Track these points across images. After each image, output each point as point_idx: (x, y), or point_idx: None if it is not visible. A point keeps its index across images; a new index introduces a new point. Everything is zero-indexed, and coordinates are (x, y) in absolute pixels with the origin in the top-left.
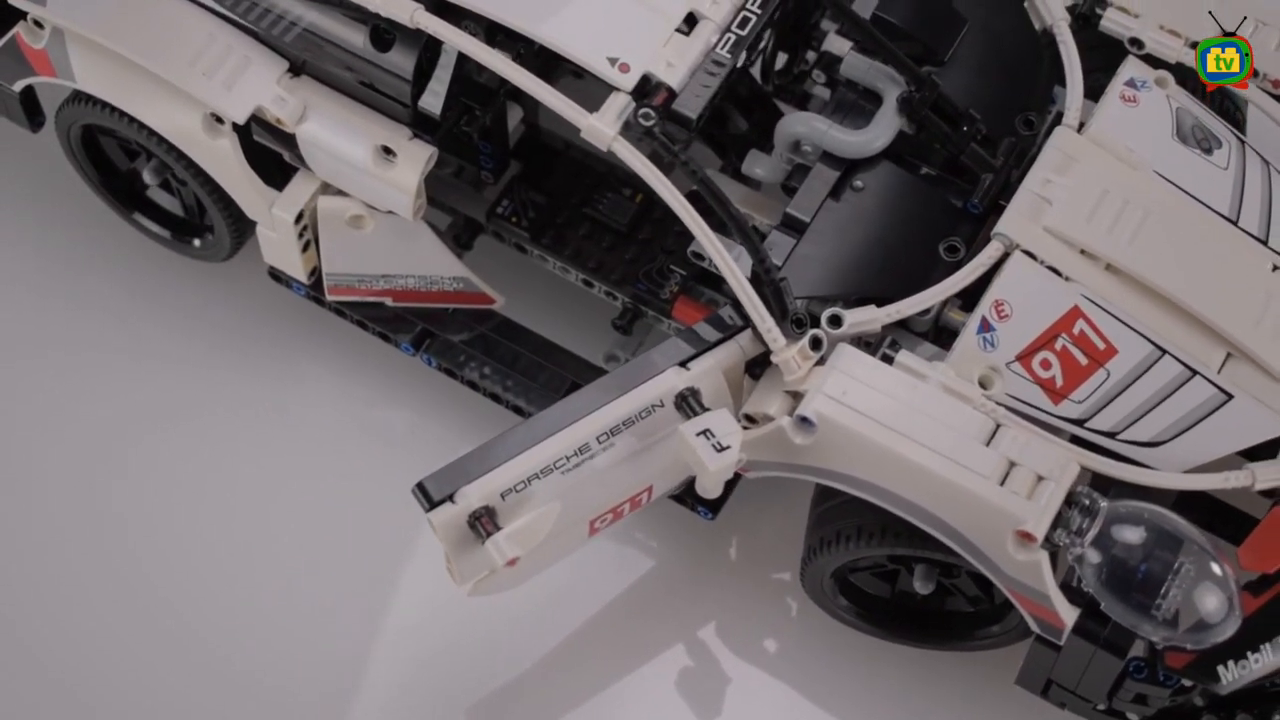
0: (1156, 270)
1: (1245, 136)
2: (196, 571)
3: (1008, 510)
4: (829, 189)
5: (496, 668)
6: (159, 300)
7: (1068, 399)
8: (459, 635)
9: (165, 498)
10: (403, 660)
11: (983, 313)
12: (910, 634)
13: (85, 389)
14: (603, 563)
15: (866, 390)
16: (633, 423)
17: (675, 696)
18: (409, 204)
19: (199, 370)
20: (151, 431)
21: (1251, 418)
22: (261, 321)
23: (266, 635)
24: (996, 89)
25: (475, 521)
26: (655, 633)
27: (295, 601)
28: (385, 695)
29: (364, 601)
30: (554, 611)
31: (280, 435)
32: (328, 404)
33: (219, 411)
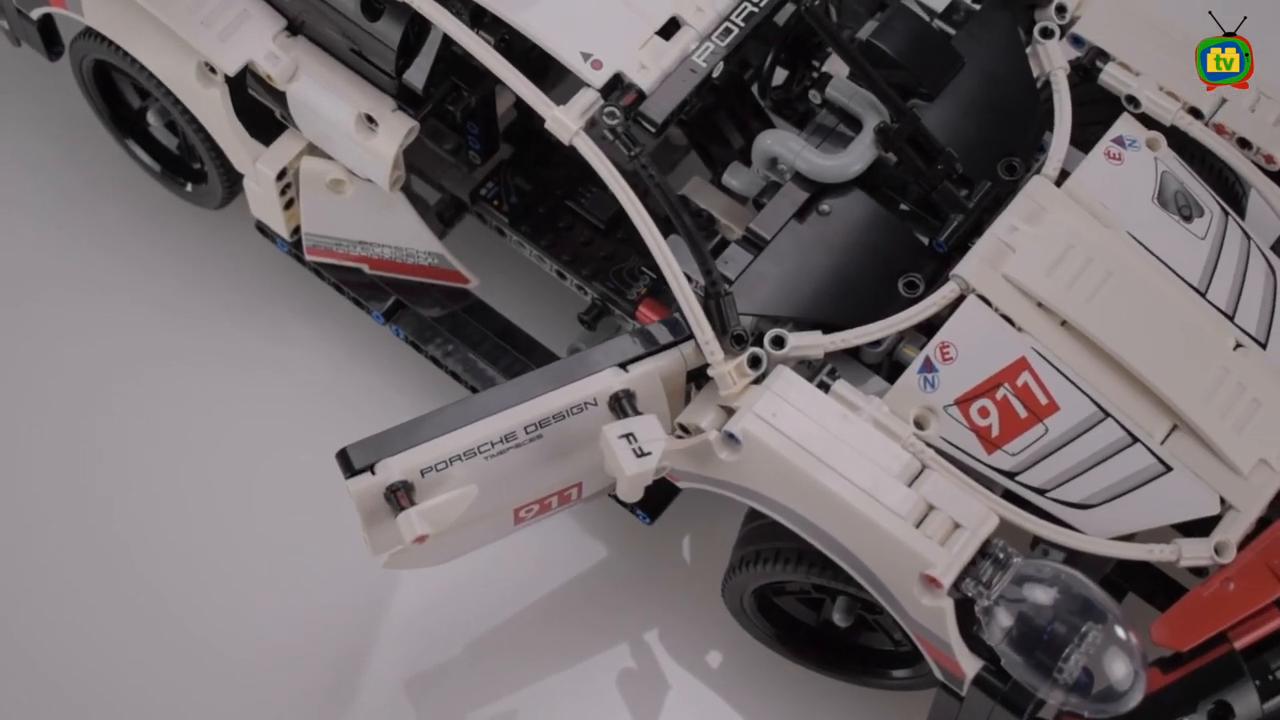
0: (1110, 332)
1: (1245, 202)
2: (138, 516)
3: (918, 553)
4: (795, 209)
5: (438, 647)
6: (157, 243)
7: (1002, 450)
8: (405, 609)
9: (127, 438)
10: (350, 628)
11: (928, 353)
12: (825, 663)
13: (77, 325)
14: (553, 556)
15: (797, 415)
16: (563, 417)
17: (607, 695)
18: (386, 174)
19: (184, 317)
20: (131, 374)
21: (1188, 493)
22: (251, 273)
23: (209, 588)
24: (985, 131)
25: (392, 494)
26: (598, 629)
27: (234, 559)
28: (328, 654)
29: (300, 567)
30: (500, 598)
31: (246, 388)
32: (299, 361)
33: (195, 359)
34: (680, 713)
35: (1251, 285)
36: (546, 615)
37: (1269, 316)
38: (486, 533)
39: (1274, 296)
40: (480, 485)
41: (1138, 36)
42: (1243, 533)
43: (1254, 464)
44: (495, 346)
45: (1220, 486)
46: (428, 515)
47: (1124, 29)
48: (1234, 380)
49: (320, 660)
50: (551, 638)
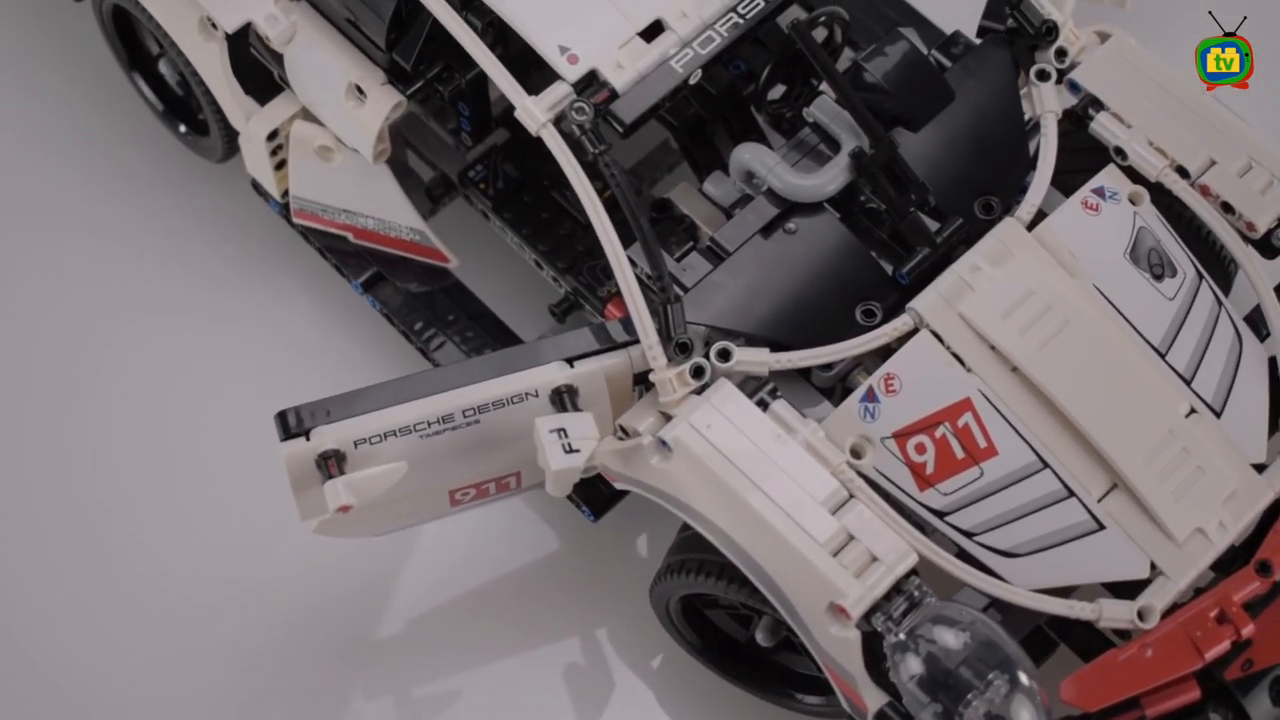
0: (1058, 383)
1: (1234, 269)
2: (102, 463)
3: (831, 581)
4: (762, 224)
5: (379, 624)
6: (161, 190)
7: (934, 488)
8: (362, 577)
9: (107, 383)
10: (306, 592)
11: (872, 382)
12: (744, 679)
13: (70, 266)
14: (507, 545)
15: (731, 429)
16: (503, 405)
17: (548, 688)
18: (370, 145)
19: (178, 268)
20: (118, 321)
21: (1119, 554)
22: (249, 230)
23: (168, 537)
24: (966, 167)
25: (323, 462)
26: (544, 622)
27: (184, 511)
28: (280, 614)
29: (255, 527)
30: (447, 582)
31: (230, 345)
32: (286, 322)
33: (183, 311)
34: (619, 713)
35: (1215, 352)
36: (493, 603)
37: (1228, 386)
38: (421, 512)
39: (1236, 366)
40: (413, 463)
41: (1135, 89)
42: (1170, 600)
43: (1190, 532)
44: (466, 328)
45: (1152, 551)
46: (354, 486)
47: (1122, 80)
48: (1179, 445)
49: (274, 619)
50: (497, 626)
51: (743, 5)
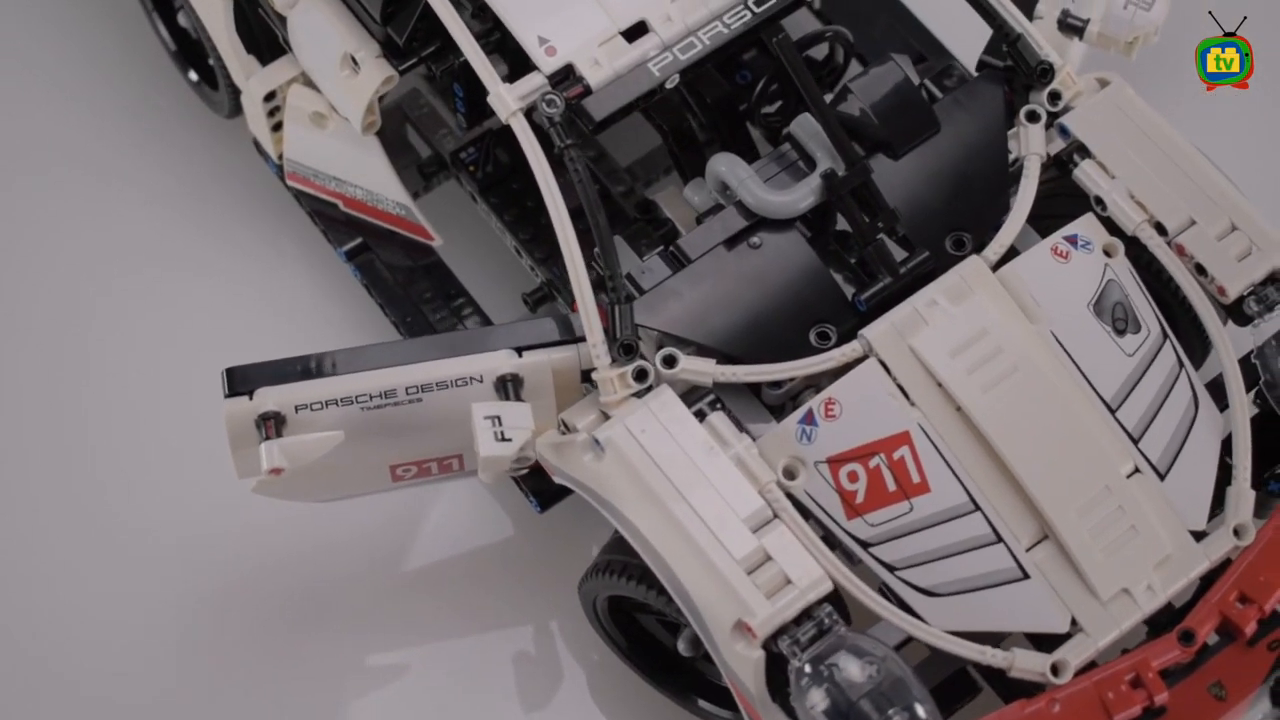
0: (998, 426)
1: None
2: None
3: (741, 599)
4: (727, 236)
5: (333, 589)
6: (170, 139)
7: (862, 518)
8: (315, 544)
9: (96, 321)
10: (268, 546)
11: (811, 405)
12: (665, 686)
13: (80, 210)
14: (469, 525)
15: (665, 437)
16: (446, 387)
17: (489, 671)
18: (359, 116)
19: (182, 216)
20: (115, 264)
21: (1040, 605)
22: (258, 186)
23: (144, 480)
24: (943, 201)
25: (262, 422)
26: (495, 606)
27: (172, 457)
28: (240, 566)
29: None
30: (409, 554)
31: (226, 300)
32: (283, 282)
33: (182, 260)
34: (565, 705)
35: (1168, 414)
36: (447, 583)
37: (1176, 450)
38: (362, 483)
39: (1188, 431)
40: (352, 434)
41: (1124, 140)
42: (1087, 658)
43: (1115, 592)
44: (439, 308)
45: (1075, 606)
46: (288, 450)
47: (1113, 129)
48: (1115, 503)
49: (236, 570)
50: (449, 607)
51: (729, 15)
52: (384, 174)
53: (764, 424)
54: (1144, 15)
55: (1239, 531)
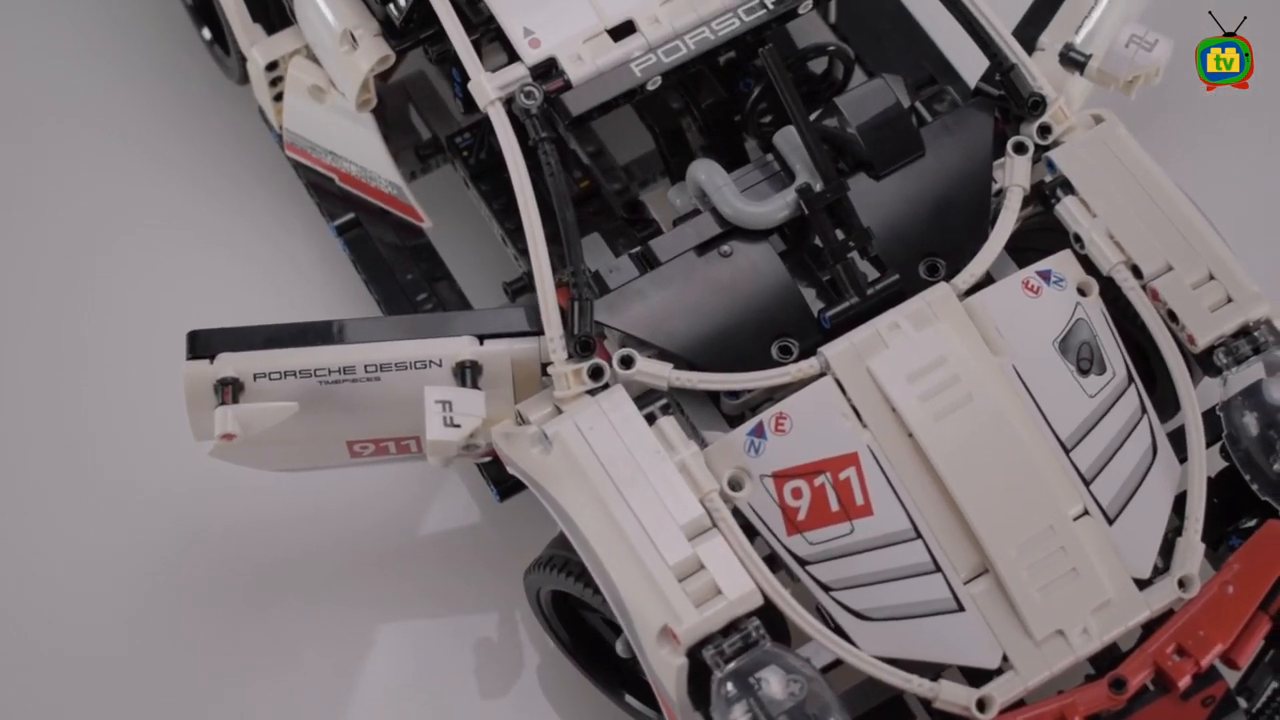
0: (946, 456)
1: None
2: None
3: (669, 604)
4: (699, 242)
5: (304, 557)
6: (183, 99)
7: (803, 535)
8: (290, 512)
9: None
10: (230, 510)
11: (763, 418)
12: (600, 682)
13: (90, 164)
14: (442, 506)
15: (613, 436)
16: (405, 368)
17: (451, 653)
18: (354, 92)
19: (188, 178)
20: (121, 227)
21: (972, 639)
22: (257, 154)
23: (127, 432)
24: (920, 225)
25: (220, 387)
26: (462, 590)
27: (159, 413)
28: (203, 523)
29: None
30: (382, 530)
31: (225, 263)
32: (286, 248)
33: (184, 219)
34: (523, 694)
35: (1123, 459)
36: (416, 563)
37: (1128, 495)
38: (319, 457)
39: (1142, 478)
40: (309, 407)
41: (1110, 179)
42: (1015, 696)
43: (1049, 633)
44: (421, 289)
45: (1007, 644)
46: (241, 416)
47: (1100, 168)
48: (1058, 543)
49: (211, 526)
50: (415, 586)
51: (718, 21)
52: (378, 152)
53: (719, 432)
54: (1145, 55)
55: (1184, 583)
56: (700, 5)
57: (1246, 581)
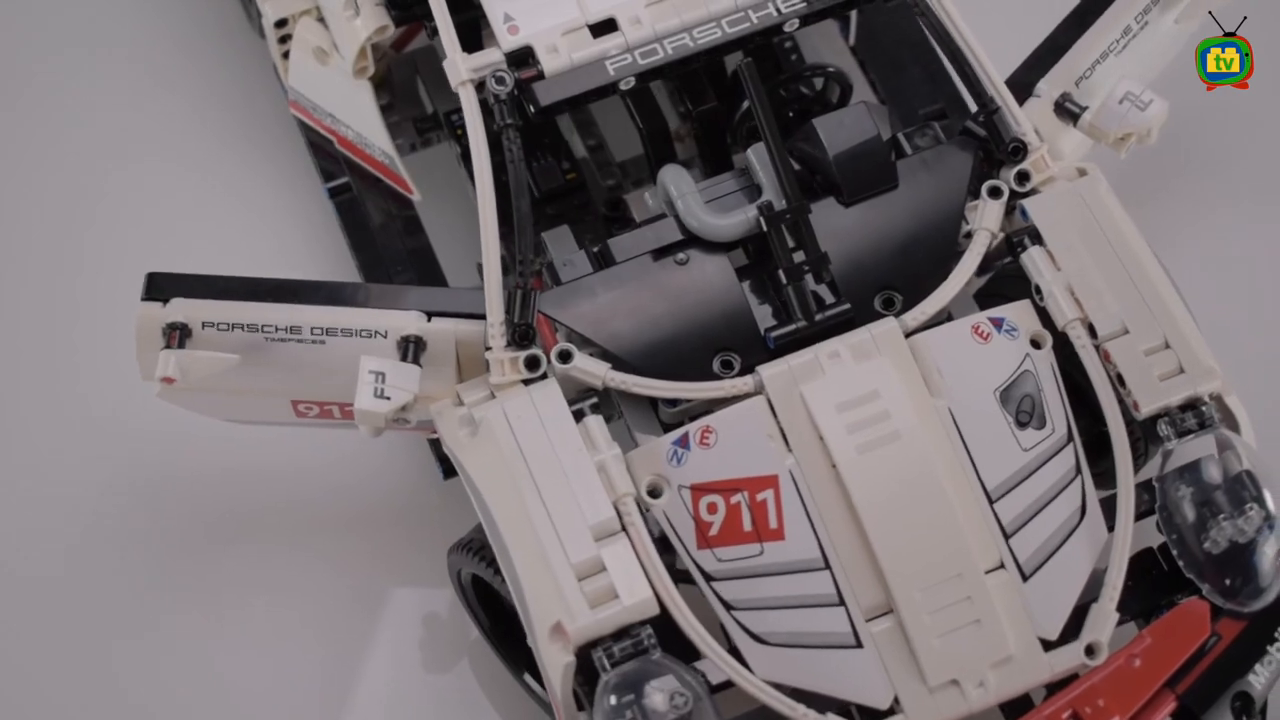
0: (864, 490)
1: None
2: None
3: (564, 601)
4: (656, 246)
5: (263, 509)
6: (205, 50)
7: (712, 550)
8: (261, 462)
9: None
10: (210, 455)
11: (688, 430)
12: (510, 663)
13: (105, 91)
14: (409, 478)
15: (538, 428)
16: (351, 334)
17: (401, 624)
18: (351, 58)
19: (197, 121)
20: (127, 159)
21: (866, 677)
22: (270, 106)
23: (109, 367)
24: (883, 257)
25: (169, 330)
26: (418, 563)
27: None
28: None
29: None
30: (340, 495)
31: (215, 207)
32: (286, 198)
33: (190, 168)
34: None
35: (1048, 518)
36: (375, 530)
37: (1047, 555)
38: (264, 412)
39: (1065, 540)
40: (252, 361)
41: (1080, 234)
42: None
43: (944, 681)
44: (401, 260)
45: (900, 686)
46: (182, 362)
47: (1072, 221)
48: (965, 593)
49: (172, 472)
50: (369, 555)
51: (700, 29)
52: (373, 120)
53: (652, 438)
54: (1137, 113)
55: (1091, 650)
56: (685, 11)
57: (1155, 656)
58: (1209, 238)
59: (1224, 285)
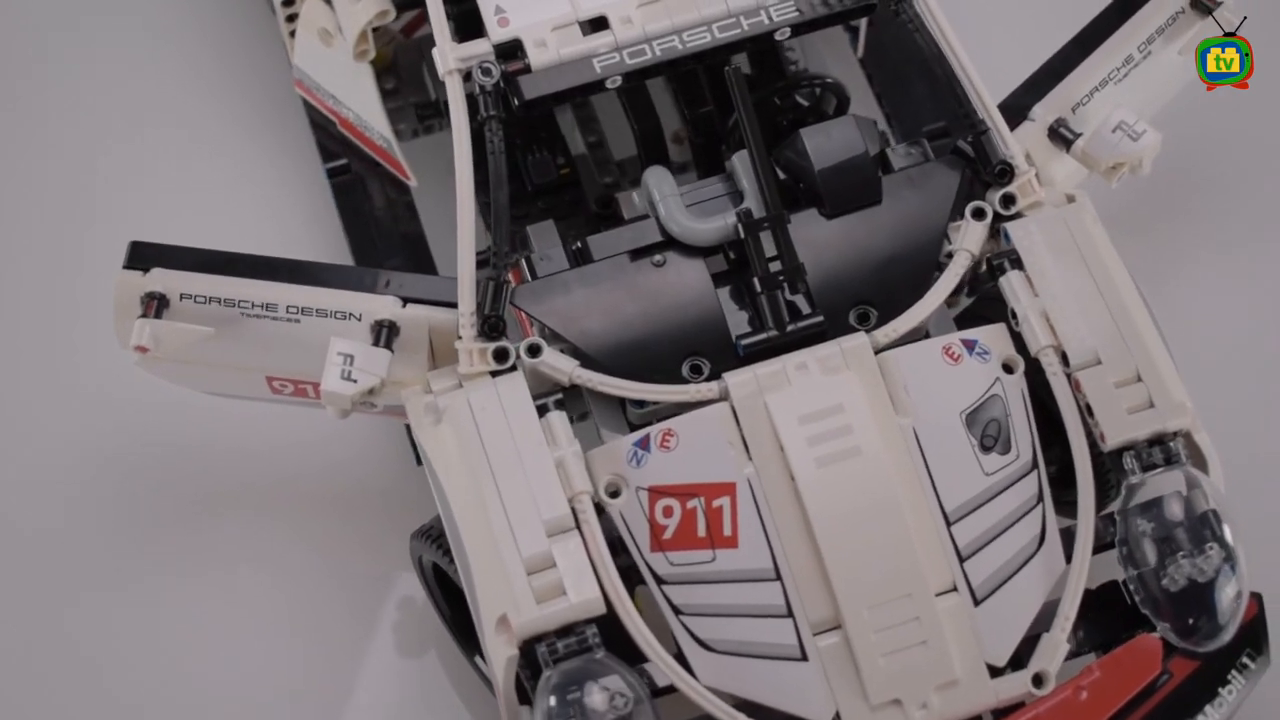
0: (820, 503)
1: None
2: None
3: (511, 594)
4: (635, 247)
5: (248, 484)
6: (224, 20)
7: (665, 554)
8: (248, 435)
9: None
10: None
11: (650, 432)
12: (469, 653)
13: (122, 57)
14: (398, 461)
15: (501, 421)
16: (326, 315)
17: (373, 607)
18: (351, 40)
19: (208, 92)
20: (136, 125)
21: (808, 691)
22: (282, 81)
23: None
24: (862, 271)
25: (147, 299)
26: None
27: None
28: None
29: None
30: (325, 473)
31: (218, 175)
32: (290, 171)
33: (198, 136)
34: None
35: (1004, 544)
36: (354, 511)
37: (1000, 581)
38: (239, 385)
39: (1020, 567)
40: (227, 335)
41: (1060, 261)
42: None
43: (886, 700)
44: (394, 245)
45: (842, 703)
46: (157, 332)
47: (1055, 248)
48: (913, 613)
49: (156, 437)
50: (351, 533)
51: (690, 32)
52: (373, 104)
53: (614, 438)
54: (1129, 143)
55: (1039, 680)
56: (676, 14)
57: (1103, 690)
58: (1214, 271)
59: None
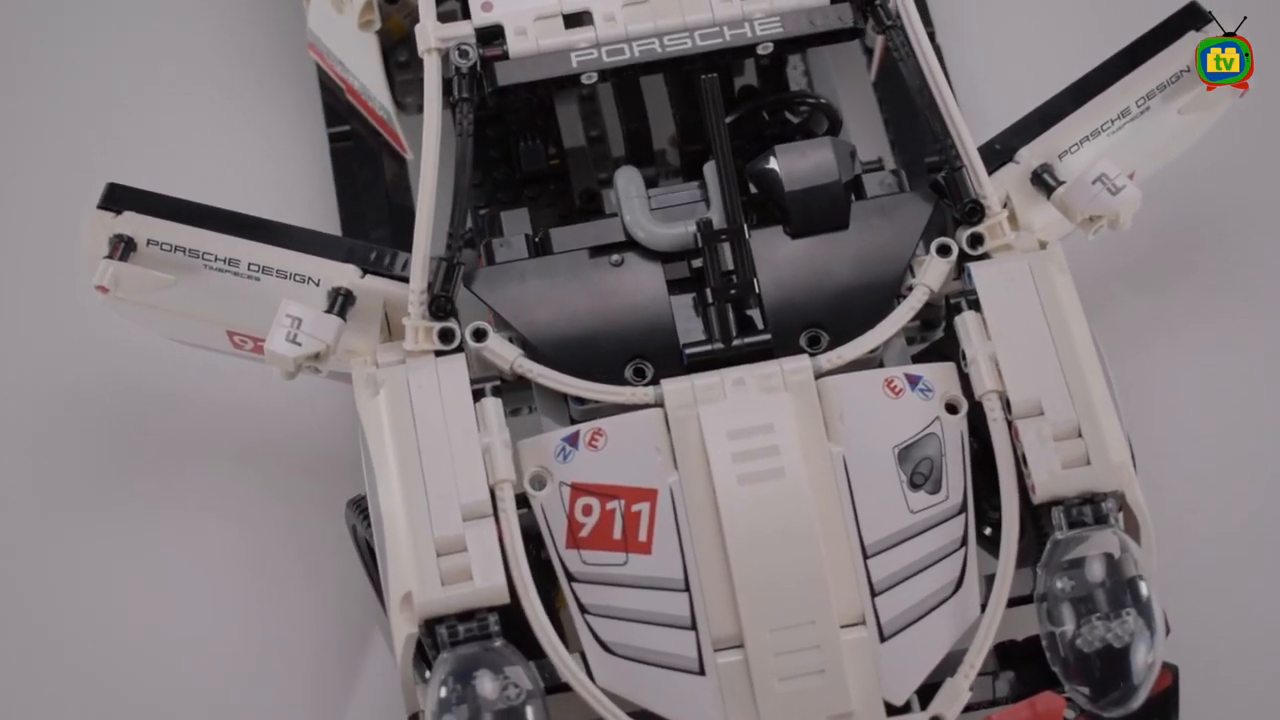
0: (737, 520)
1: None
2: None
3: (418, 572)
4: (596, 244)
5: (211, 441)
6: None
7: (579, 552)
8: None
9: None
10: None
11: (580, 429)
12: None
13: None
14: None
15: (435, 401)
16: (285, 276)
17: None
18: (357, 9)
19: (225, 47)
20: (145, 79)
21: (701, 704)
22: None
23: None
24: (819, 295)
25: (116, 241)
26: None
27: None
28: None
29: None
30: (302, 436)
31: (226, 134)
32: (289, 140)
33: (207, 97)
34: None
35: (920, 584)
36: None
37: (910, 621)
38: (201, 336)
39: (931, 609)
40: (189, 285)
41: (1017, 307)
42: None
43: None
44: (381, 215)
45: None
46: (118, 274)
47: (1015, 294)
48: (814, 641)
49: (137, 385)
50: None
51: (671, 37)
52: (375, 74)
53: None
54: (1107, 196)
55: None
56: (660, 16)
57: None
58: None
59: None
